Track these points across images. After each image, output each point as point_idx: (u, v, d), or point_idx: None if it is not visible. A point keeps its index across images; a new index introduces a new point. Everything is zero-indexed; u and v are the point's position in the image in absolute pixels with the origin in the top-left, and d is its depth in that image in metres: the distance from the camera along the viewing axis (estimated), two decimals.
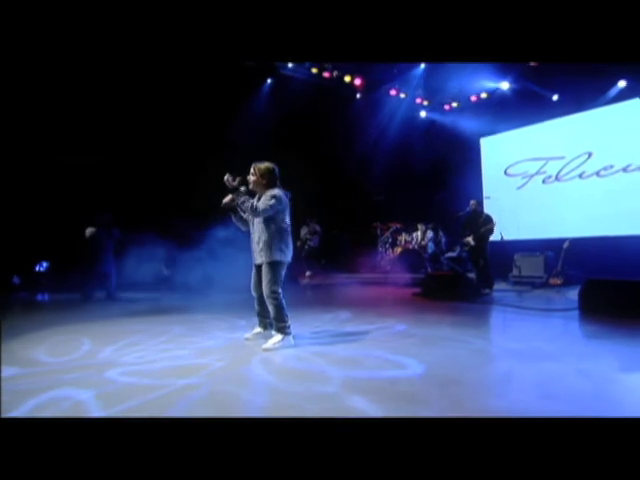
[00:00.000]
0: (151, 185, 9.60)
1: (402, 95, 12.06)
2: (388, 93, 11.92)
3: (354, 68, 11.08)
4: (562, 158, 10.05)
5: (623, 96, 9.08)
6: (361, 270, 10.70)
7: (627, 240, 8.43)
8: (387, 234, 11.05)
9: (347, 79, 11.28)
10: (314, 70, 10.80)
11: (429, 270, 9.51)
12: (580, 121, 9.79)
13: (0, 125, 7.87)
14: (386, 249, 10.93)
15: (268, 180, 3.94)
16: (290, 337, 3.96)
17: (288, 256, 3.97)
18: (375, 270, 10.65)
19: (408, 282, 9.14)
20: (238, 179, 3.86)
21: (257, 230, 3.96)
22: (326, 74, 11.00)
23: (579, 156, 9.77)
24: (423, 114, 12.73)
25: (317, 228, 10.57)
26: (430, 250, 10.08)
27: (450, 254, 10.20)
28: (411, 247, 10.26)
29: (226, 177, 3.83)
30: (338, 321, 5.33)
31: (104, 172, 9.27)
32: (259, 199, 3.93)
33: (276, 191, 3.88)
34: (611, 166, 9.27)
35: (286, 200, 3.95)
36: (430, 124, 12.53)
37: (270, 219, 3.87)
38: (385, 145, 11.84)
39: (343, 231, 12.02)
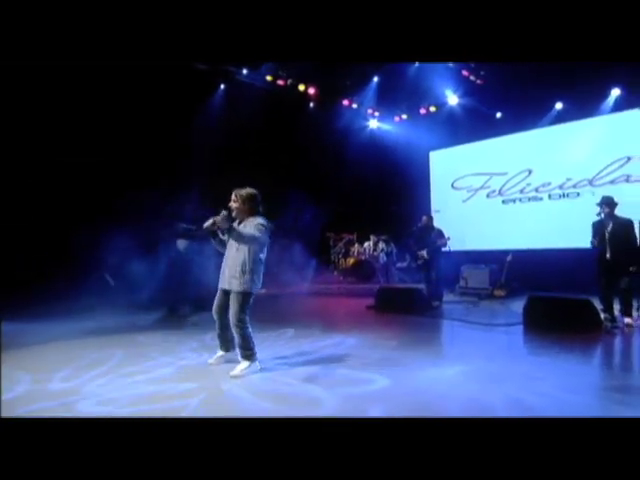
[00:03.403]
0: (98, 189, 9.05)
1: (354, 105, 12.24)
2: (341, 103, 12.06)
3: (309, 77, 11.10)
4: (505, 174, 10.60)
5: (560, 119, 9.72)
6: (314, 280, 10.75)
7: (563, 253, 9.01)
8: (340, 245, 11.16)
9: (301, 88, 11.29)
10: (269, 77, 10.72)
11: (381, 280, 9.70)
12: (521, 140, 10.38)
13: None
14: (339, 259, 11.04)
15: (251, 207, 3.91)
16: (257, 363, 3.95)
17: (258, 286, 3.94)
18: (328, 280, 10.73)
19: (360, 292, 9.29)
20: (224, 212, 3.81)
21: (233, 256, 3.86)
22: (280, 82, 10.95)
23: (520, 173, 10.35)
24: (375, 125, 12.97)
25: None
26: (382, 261, 10.29)
27: (400, 265, 10.47)
28: (363, 258, 10.42)
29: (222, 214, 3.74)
30: (298, 340, 5.33)
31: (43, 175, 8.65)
32: (239, 224, 3.90)
33: (263, 220, 3.85)
34: (549, 183, 9.90)
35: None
36: (382, 136, 12.79)
37: (251, 248, 3.81)
38: (337, 155, 11.94)
39: (295, 241, 11.98)
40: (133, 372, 3.97)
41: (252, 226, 3.79)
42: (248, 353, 3.87)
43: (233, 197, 3.92)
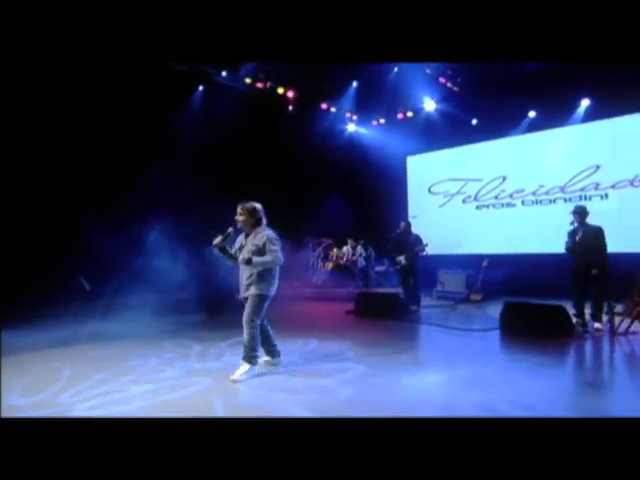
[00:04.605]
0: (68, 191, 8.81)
1: (333, 109, 12.29)
2: (319, 106, 12.09)
3: (288, 80, 11.09)
4: (480, 180, 10.84)
5: (533, 127, 10.02)
6: (294, 285, 10.74)
7: (536, 257, 9.31)
8: (319, 249, 11.20)
9: (280, 91, 11.27)
10: (248, 80, 10.67)
11: (359, 284, 9.78)
12: (496, 147, 10.65)
13: None
14: (318, 264, 11.08)
15: (256, 219, 4.10)
16: (256, 367, 4.09)
17: (274, 289, 4.14)
18: (307, 285, 10.75)
19: (339, 297, 9.34)
20: (230, 229, 4.08)
21: (247, 267, 4.02)
22: (259, 84, 10.91)
23: (495, 179, 10.61)
24: (352, 128, 13.06)
25: None
26: (360, 265, 10.37)
27: (378, 268, 10.58)
28: (342, 262, 10.49)
29: (230, 230, 4.08)
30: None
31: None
32: (246, 236, 4.13)
33: (270, 232, 4.07)
34: (522, 190, 10.19)
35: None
36: (360, 139, 12.88)
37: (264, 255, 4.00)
38: (316, 159, 11.97)
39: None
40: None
41: (263, 241, 3.98)
42: (252, 354, 4.02)
43: (239, 211, 4.10)
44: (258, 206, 4.15)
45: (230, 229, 4.08)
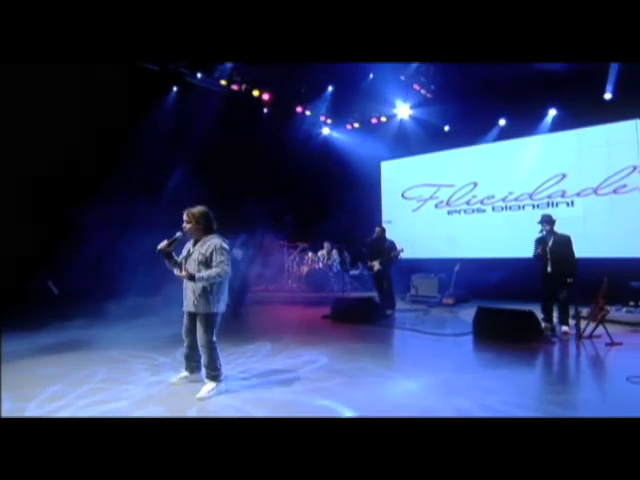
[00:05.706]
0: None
1: (308, 112, 12.30)
2: (295, 110, 12.09)
3: (263, 82, 11.05)
4: (452, 186, 11.08)
5: (503, 135, 10.31)
6: (269, 289, 10.70)
7: (505, 262, 9.56)
8: (294, 253, 11.19)
9: (255, 93, 11.20)
10: (223, 82, 10.56)
11: (334, 289, 9.82)
12: (468, 154, 10.90)
13: None
14: (293, 268, 11.07)
15: (205, 225, 3.79)
16: (222, 384, 3.90)
17: (224, 304, 3.88)
18: (283, 289, 10.72)
19: (315, 301, 9.36)
20: (179, 234, 3.79)
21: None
22: (235, 86, 10.82)
23: (467, 185, 10.87)
24: (327, 132, 13.11)
25: None
26: (335, 269, 10.43)
27: (353, 272, 10.66)
28: (317, 266, 10.51)
29: (178, 234, 3.78)
30: (261, 355, 5.32)
31: None
32: (195, 243, 3.84)
33: (219, 241, 3.75)
34: (492, 196, 10.47)
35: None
36: (335, 143, 12.94)
37: (209, 268, 3.71)
38: (290, 162, 11.96)
39: (249, 249, 11.86)
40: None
41: (210, 250, 3.71)
42: (214, 374, 3.83)
43: (185, 217, 3.78)
44: (206, 211, 3.81)
45: (178, 233, 3.76)
